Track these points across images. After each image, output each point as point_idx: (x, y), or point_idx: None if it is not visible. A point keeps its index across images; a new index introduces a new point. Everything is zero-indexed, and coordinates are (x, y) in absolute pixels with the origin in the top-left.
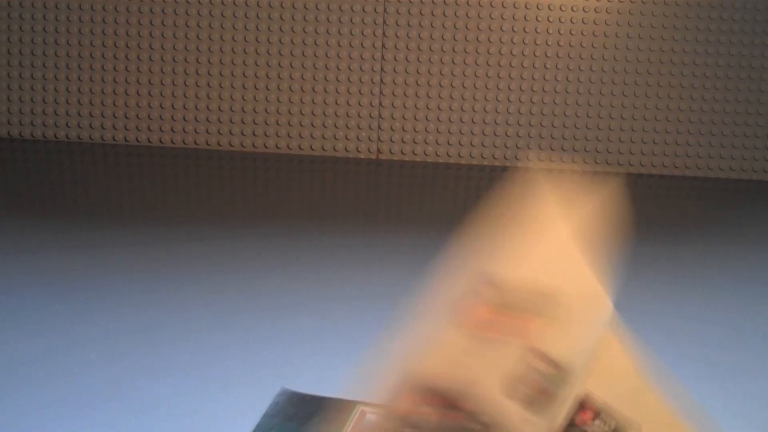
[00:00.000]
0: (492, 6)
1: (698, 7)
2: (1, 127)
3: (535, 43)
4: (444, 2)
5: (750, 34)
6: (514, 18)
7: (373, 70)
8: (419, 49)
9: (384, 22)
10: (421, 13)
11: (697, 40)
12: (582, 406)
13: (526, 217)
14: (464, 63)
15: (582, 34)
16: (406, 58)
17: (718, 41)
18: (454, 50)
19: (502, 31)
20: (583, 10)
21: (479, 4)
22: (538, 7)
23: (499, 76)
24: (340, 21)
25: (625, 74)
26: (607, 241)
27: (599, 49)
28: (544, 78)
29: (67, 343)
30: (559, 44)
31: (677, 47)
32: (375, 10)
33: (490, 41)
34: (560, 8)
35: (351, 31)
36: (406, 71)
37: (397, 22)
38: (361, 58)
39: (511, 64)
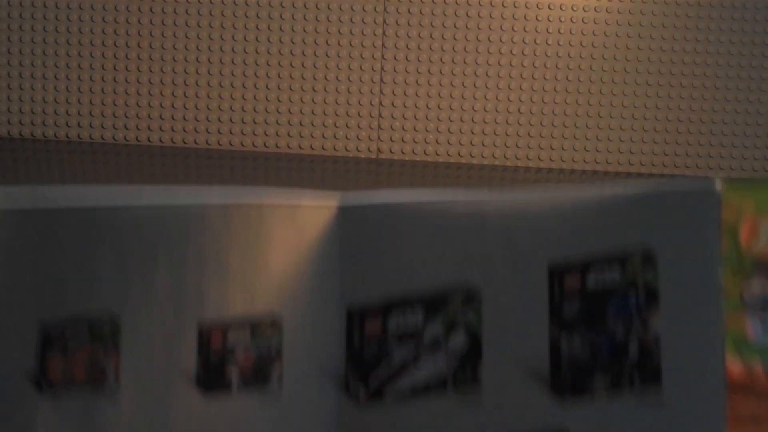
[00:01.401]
0: (492, 5)
1: (698, 6)
2: (1, 127)
3: (535, 42)
4: (444, 2)
5: (750, 33)
6: (514, 17)
7: (373, 69)
8: (419, 48)
9: (384, 21)
10: (421, 13)
11: (697, 39)
12: None
13: None
14: (464, 62)
15: (582, 33)
16: (406, 58)
17: (718, 41)
18: (454, 50)
19: (502, 30)
20: (584, 9)
21: (479, 4)
22: (538, 7)
23: (499, 76)
24: (340, 20)
25: (626, 74)
26: None
27: (599, 49)
28: (544, 77)
29: None
30: (559, 44)
31: (677, 47)
32: (375, 10)
33: (490, 41)
34: (560, 8)
35: (351, 31)
36: (406, 71)
37: (397, 22)
38: (361, 57)
39: (511, 64)
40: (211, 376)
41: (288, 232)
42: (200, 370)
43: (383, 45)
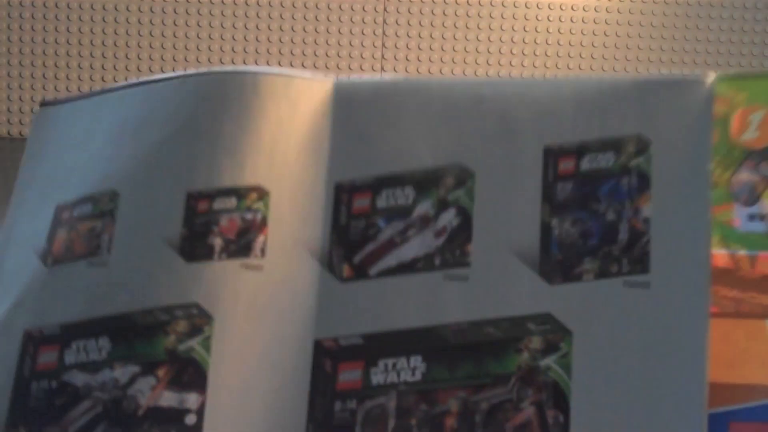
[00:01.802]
0: (492, 5)
1: (698, 6)
2: (1, 127)
3: (535, 42)
4: (444, 2)
5: (750, 33)
6: (514, 17)
7: (373, 69)
8: (419, 48)
9: (384, 21)
10: (421, 13)
11: (697, 39)
12: None
13: None
14: (464, 62)
15: (582, 33)
16: (407, 58)
17: (718, 40)
18: (454, 49)
19: (502, 30)
20: (584, 9)
21: (479, 4)
22: (538, 6)
23: (499, 76)
24: (340, 20)
25: (626, 74)
26: None
27: (599, 49)
28: (544, 78)
29: None
30: (559, 43)
31: (677, 47)
32: (375, 9)
33: (490, 40)
34: (560, 8)
35: (351, 30)
36: (406, 70)
37: (397, 21)
38: (362, 57)
39: (511, 64)
40: (195, 243)
41: (281, 104)
42: (184, 238)
43: (383, 45)
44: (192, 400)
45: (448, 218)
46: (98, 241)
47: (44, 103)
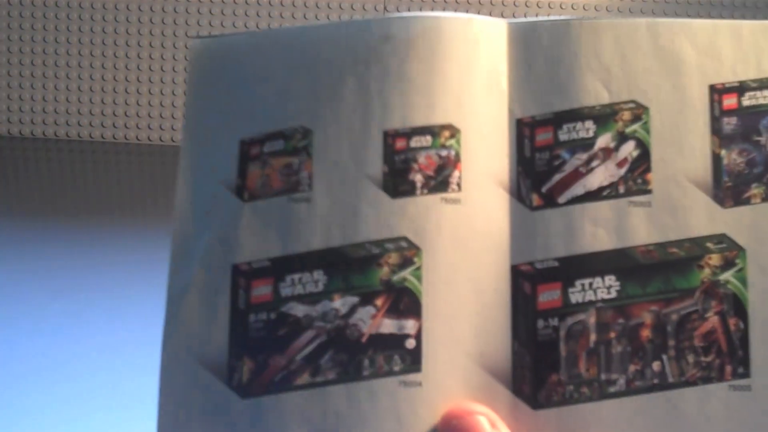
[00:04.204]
0: (492, 4)
1: (698, 5)
2: (1, 126)
3: None
4: (444, 2)
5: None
6: (514, 16)
7: None
8: None
9: None
10: (421, 11)
11: None
12: None
13: None
14: None
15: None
16: None
17: None
18: None
19: None
20: (584, 8)
21: (479, 3)
22: (538, 6)
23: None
24: (340, 19)
25: None
26: None
27: None
28: None
29: (67, 342)
30: None
31: None
32: (375, 9)
33: None
34: (560, 6)
35: None
36: None
37: None
38: None
39: None
40: (397, 179)
41: (463, 45)
42: (386, 175)
43: None
44: (410, 326)
45: (629, 149)
46: (297, 177)
47: (199, 37)
